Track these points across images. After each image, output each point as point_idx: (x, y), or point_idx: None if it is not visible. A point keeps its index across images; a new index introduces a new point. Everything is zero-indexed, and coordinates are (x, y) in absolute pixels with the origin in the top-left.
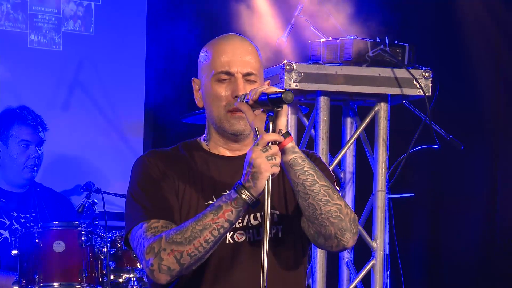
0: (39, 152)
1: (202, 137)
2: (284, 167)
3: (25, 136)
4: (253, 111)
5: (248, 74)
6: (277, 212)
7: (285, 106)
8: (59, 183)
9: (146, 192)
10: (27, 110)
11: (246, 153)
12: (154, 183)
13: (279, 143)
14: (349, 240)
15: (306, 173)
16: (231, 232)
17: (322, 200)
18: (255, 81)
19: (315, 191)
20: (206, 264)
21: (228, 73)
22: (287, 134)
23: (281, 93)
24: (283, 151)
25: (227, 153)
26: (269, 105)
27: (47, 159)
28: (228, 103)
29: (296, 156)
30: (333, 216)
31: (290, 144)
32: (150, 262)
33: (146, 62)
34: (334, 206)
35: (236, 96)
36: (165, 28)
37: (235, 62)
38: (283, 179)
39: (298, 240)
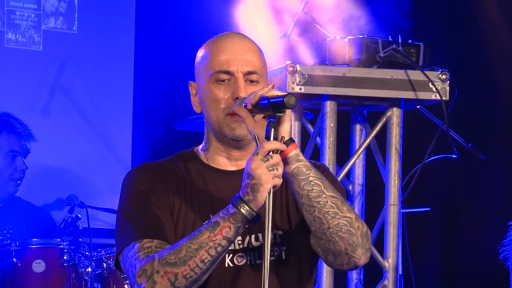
0: (26, 165)
1: (200, 147)
2: (288, 177)
3: (14, 146)
4: (253, 116)
5: (250, 73)
6: (280, 232)
7: (288, 111)
8: (39, 196)
9: (138, 210)
10: (14, 118)
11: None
12: (147, 200)
13: (281, 152)
14: (361, 256)
15: (312, 183)
16: (231, 255)
17: (330, 212)
18: (257, 82)
19: (321, 202)
20: None
21: (227, 73)
22: (291, 141)
23: (283, 96)
24: (285, 160)
25: (227, 165)
26: (270, 110)
27: (26, 170)
28: (228, 105)
29: (300, 164)
30: (343, 230)
31: (294, 152)
32: (143, 286)
33: (135, 63)
34: (343, 219)
35: (237, 98)
36: (156, 25)
37: (235, 61)
38: (286, 193)
39: (303, 261)
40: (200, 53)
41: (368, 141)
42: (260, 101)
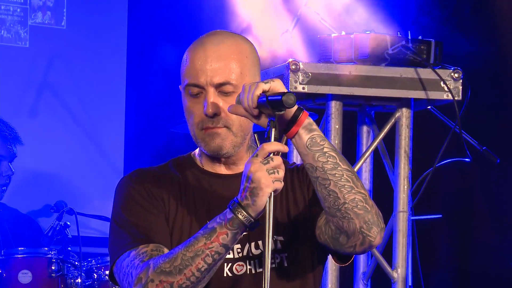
0: (12, 170)
1: (196, 152)
2: (299, 151)
3: None
4: (257, 116)
5: (221, 84)
6: (281, 238)
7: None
8: (26, 202)
9: (132, 218)
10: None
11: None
12: (141, 207)
13: (293, 124)
14: (377, 235)
15: (326, 154)
16: (229, 264)
17: (346, 186)
18: (233, 92)
19: (337, 175)
20: None
21: (197, 86)
22: (300, 110)
23: (281, 95)
24: (298, 132)
25: (224, 170)
26: (269, 108)
27: (12, 175)
28: (202, 120)
29: (314, 134)
30: (358, 206)
31: (307, 121)
32: None
33: (128, 61)
34: (359, 195)
35: (206, 115)
36: (150, 20)
37: (204, 72)
38: (286, 194)
39: (307, 268)
40: (183, 58)
41: (375, 143)
42: (260, 98)
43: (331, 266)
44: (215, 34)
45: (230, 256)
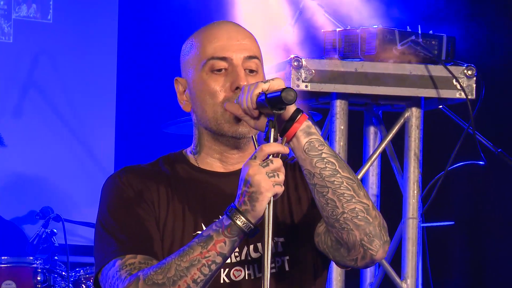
0: None
1: (188, 150)
2: (297, 155)
3: None
4: (257, 117)
5: (250, 57)
6: (281, 239)
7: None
8: (9, 208)
9: (119, 221)
10: None
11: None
12: (129, 209)
13: (291, 126)
14: (379, 249)
15: (325, 160)
16: (227, 269)
17: (345, 195)
18: (257, 72)
19: (335, 183)
20: None
21: (223, 59)
22: (298, 112)
23: (281, 91)
24: (296, 134)
25: (220, 168)
26: (268, 107)
27: None
28: (227, 97)
29: (312, 138)
30: (359, 217)
31: (305, 123)
32: None
33: (118, 58)
34: (359, 204)
35: (237, 88)
36: (141, 16)
37: (231, 46)
38: (288, 193)
39: (310, 273)
40: (188, 44)
41: (383, 145)
42: (258, 97)
43: (336, 276)
44: (226, 21)
45: (228, 260)
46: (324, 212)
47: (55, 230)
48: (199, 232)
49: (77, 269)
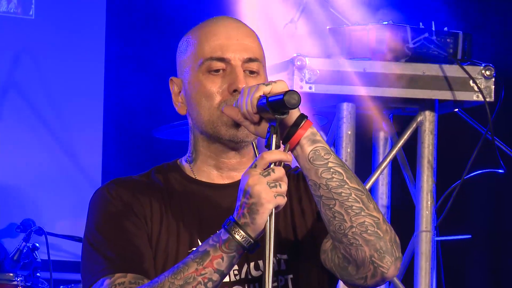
0: None
1: (184, 158)
2: (301, 164)
3: None
4: (258, 122)
5: (250, 60)
6: (285, 256)
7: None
8: None
9: (107, 238)
10: None
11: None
12: (119, 225)
13: (294, 133)
14: (390, 266)
15: (331, 170)
16: None
17: (354, 207)
18: (257, 74)
19: (343, 194)
20: None
21: (221, 60)
22: (302, 118)
23: (283, 94)
24: (299, 142)
25: (218, 178)
26: (270, 112)
27: None
28: (224, 100)
29: (318, 147)
30: (368, 231)
31: (310, 130)
32: None
33: (106, 57)
34: (369, 218)
35: (235, 90)
36: (131, 12)
37: (230, 46)
38: (291, 206)
39: None
40: (184, 41)
41: (394, 152)
42: (259, 101)
43: None
44: (226, 16)
45: (226, 279)
46: (331, 227)
47: (37, 245)
48: (195, 249)
49: (61, 286)
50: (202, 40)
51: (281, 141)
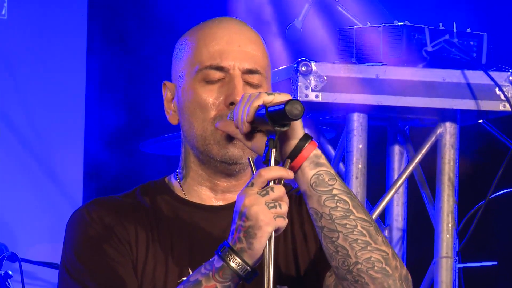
0: None
1: (173, 175)
2: (302, 189)
3: None
4: (253, 133)
5: (251, 71)
6: (286, 287)
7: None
8: None
9: (87, 265)
10: None
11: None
12: (100, 251)
13: (296, 156)
14: None
15: (336, 198)
16: None
17: (359, 241)
18: (259, 86)
19: (348, 226)
20: None
21: (220, 69)
22: (306, 138)
23: (285, 104)
24: (301, 166)
25: (211, 199)
26: (269, 123)
27: None
28: (220, 114)
29: (321, 171)
30: (375, 268)
31: (314, 152)
32: None
33: (87, 62)
34: (376, 253)
35: (232, 103)
36: (116, 11)
37: (230, 53)
38: (293, 231)
39: None
40: (181, 43)
41: (410, 169)
42: (258, 110)
43: None
44: (229, 17)
45: None
46: (334, 262)
47: (10, 272)
48: (185, 279)
49: None
50: (200, 44)
51: (281, 156)
